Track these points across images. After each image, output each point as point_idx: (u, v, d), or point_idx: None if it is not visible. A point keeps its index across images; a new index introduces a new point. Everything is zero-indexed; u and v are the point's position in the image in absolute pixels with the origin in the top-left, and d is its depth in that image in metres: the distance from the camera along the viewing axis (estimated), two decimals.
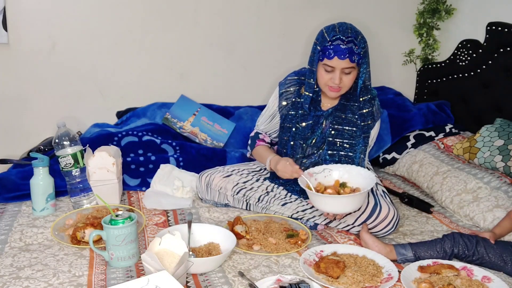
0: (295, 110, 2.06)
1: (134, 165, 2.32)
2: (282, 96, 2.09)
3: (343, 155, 2.01)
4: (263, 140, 2.19)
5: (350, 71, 1.91)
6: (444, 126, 2.63)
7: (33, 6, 2.51)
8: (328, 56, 1.87)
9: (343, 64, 1.88)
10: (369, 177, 1.90)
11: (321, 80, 1.95)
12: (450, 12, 2.88)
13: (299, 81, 2.08)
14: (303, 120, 2.05)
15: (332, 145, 2.02)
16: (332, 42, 1.87)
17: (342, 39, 1.86)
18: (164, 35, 2.72)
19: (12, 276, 1.53)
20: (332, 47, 1.86)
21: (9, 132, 2.61)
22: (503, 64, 2.50)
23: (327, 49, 1.88)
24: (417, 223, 2.07)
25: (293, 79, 2.09)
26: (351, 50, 1.86)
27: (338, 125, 2.02)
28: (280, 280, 1.53)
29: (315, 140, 2.04)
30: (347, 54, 1.86)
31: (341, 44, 1.86)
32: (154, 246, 1.52)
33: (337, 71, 1.89)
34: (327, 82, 1.93)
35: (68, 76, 2.63)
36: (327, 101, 2.05)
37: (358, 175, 1.92)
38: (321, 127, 2.03)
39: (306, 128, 2.04)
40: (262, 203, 2.06)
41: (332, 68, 1.89)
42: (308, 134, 2.04)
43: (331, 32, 1.89)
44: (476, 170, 2.19)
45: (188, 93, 2.78)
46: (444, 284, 1.53)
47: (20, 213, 1.99)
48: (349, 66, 1.89)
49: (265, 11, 2.84)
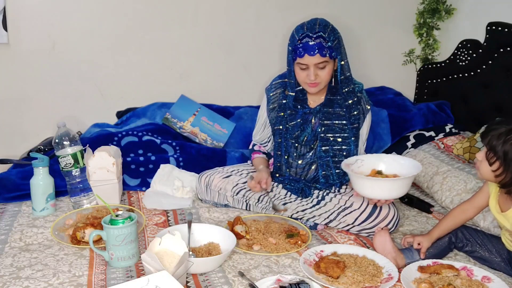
0: (282, 111, 2.08)
1: (134, 165, 2.32)
2: (270, 100, 2.12)
3: (337, 149, 2.02)
4: (258, 152, 2.22)
5: (324, 65, 1.92)
6: (444, 126, 2.63)
7: (33, 6, 2.51)
8: (299, 55, 1.90)
9: (314, 60, 1.90)
10: (408, 163, 1.92)
11: (299, 78, 1.98)
12: (450, 12, 2.88)
13: (283, 84, 2.10)
14: (291, 119, 2.06)
15: (325, 141, 2.03)
16: (301, 40, 1.89)
17: (309, 35, 1.89)
18: (164, 35, 2.72)
19: (12, 276, 1.54)
20: (301, 45, 1.89)
21: (9, 132, 2.61)
22: (503, 64, 2.50)
23: (297, 48, 1.90)
24: (417, 223, 2.07)
25: (277, 82, 2.12)
26: (320, 45, 1.88)
27: (327, 120, 2.03)
28: (280, 280, 1.53)
29: (306, 138, 2.05)
30: (316, 49, 1.88)
31: (310, 41, 1.88)
32: (154, 246, 1.52)
33: (311, 67, 1.91)
34: (304, 79, 1.95)
35: (68, 76, 2.63)
36: (313, 98, 2.06)
37: (393, 162, 1.94)
38: (310, 124, 2.05)
39: (295, 127, 2.06)
40: (262, 203, 2.06)
41: (306, 65, 1.91)
42: (298, 132, 2.05)
43: (300, 30, 1.92)
44: (476, 170, 2.19)
45: (188, 93, 2.77)
46: (444, 284, 1.53)
47: (20, 213, 1.99)
48: (322, 61, 1.90)
49: (265, 11, 2.84)
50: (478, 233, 1.77)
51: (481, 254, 1.73)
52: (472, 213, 1.76)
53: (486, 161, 1.59)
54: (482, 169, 1.62)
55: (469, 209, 1.75)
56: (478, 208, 1.75)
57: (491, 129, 1.58)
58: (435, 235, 1.75)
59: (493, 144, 1.55)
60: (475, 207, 1.75)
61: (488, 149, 1.58)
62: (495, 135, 1.55)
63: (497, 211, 1.66)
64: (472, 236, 1.76)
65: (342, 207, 1.95)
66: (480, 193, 1.74)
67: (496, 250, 1.71)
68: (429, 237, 1.74)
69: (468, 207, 1.75)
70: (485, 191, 1.72)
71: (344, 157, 2.01)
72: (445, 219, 1.78)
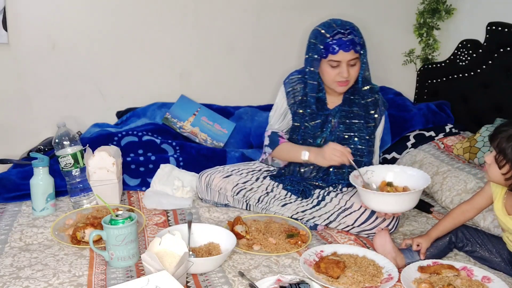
0: (303, 108, 2.06)
1: (134, 165, 2.32)
2: (290, 94, 2.09)
3: (352, 148, 2.01)
4: (282, 137, 2.12)
5: (355, 63, 1.93)
6: (444, 126, 2.63)
7: (33, 6, 2.51)
8: (332, 51, 1.89)
9: (348, 56, 1.90)
10: (417, 174, 1.89)
11: (328, 77, 1.96)
12: (450, 12, 2.88)
13: (304, 80, 2.07)
14: (312, 119, 2.05)
15: (342, 140, 2.03)
16: (333, 37, 1.89)
17: (342, 32, 1.89)
18: (164, 35, 2.72)
19: (12, 276, 1.53)
20: (335, 42, 1.88)
21: (9, 132, 2.61)
22: (503, 64, 2.50)
23: (329, 45, 1.89)
24: (417, 223, 2.07)
25: (297, 77, 2.09)
26: (353, 41, 1.89)
27: (346, 119, 2.03)
28: (280, 280, 1.53)
29: (325, 139, 2.04)
30: (350, 45, 1.88)
31: (343, 37, 1.88)
32: (154, 246, 1.52)
33: (344, 64, 1.91)
34: (335, 77, 1.94)
35: (68, 76, 2.63)
36: (332, 99, 2.06)
37: (403, 173, 1.92)
38: (330, 125, 2.05)
39: (315, 127, 2.05)
40: (262, 204, 2.06)
41: (338, 62, 1.91)
42: (318, 133, 2.05)
43: (329, 28, 1.91)
44: (476, 170, 2.19)
45: (188, 93, 2.78)
46: (444, 284, 1.53)
47: (20, 213, 1.99)
48: (354, 57, 1.91)
49: (265, 11, 2.84)
50: (478, 233, 1.77)
51: (481, 254, 1.73)
52: (471, 214, 1.75)
53: (496, 164, 1.56)
54: (491, 172, 1.60)
55: (469, 210, 1.74)
56: (478, 209, 1.74)
57: (500, 131, 1.56)
58: (434, 235, 1.75)
59: (503, 147, 1.53)
60: (475, 208, 1.74)
61: (497, 152, 1.56)
62: (504, 137, 1.53)
63: (504, 213, 1.64)
64: (472, 236, 1.75)
65: (342, 208, 1.95)
66: (481, 194, 1.73)
67: (496, 250, 1.71)
68: (427, 237, 1.74)
69: (468, 207, 1.75)
70: (486, 192, 1.71)
71: (358, 156, 2.01)
72: (444, 219, 1.77)
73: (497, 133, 1.57)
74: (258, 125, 2.70)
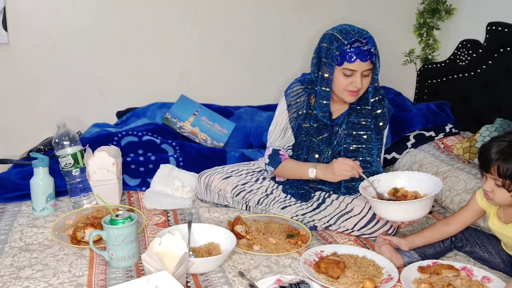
0: (309, 122, 1.98)
1: (134, 165, 2.32)
2: (291, 107, 1.98)
3: (360, 160, 1.94)
4: (284, 155, 2.03)
5: (368, 73, 1.86)
6: (444, 126, 2.63)
7: (33, 6, 2.51)
8: (349, 60, 1.81)
9: (364, 67, 1.82)
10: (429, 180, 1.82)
11: (340, 85, 1.87)
12: (450, 12, 2.88)
13: (307, 91, 1.97)
14: (318, 133, 1.97)
15: (349, 152, 1.97)
16: (351, 45, 1.80)
17: (360, 40, 1.80)
18: (164, 35, 2.72)
19: (12, 276, 1.53)
20: (353, 50, 1.80)
21: (9, 132, 2.61)
22: (503, 64, 2.50)
23: (347, 53, 1.81)
24: (417, 223, 2.06)
25: (300, 89, 1.98)
26: (370, 51, 1.82)
27: (353, 131, 1.96)
28: (280, 280, 1.53)
29: (332, 152, 1.99)
30: (368, 55, 1.81)
31: (361, 46, 1.80)
32: (154, 246, 1.52)
33: (358, 74, 1.83)
34: (347, 87, 1.86)
35: (68, 76, 2.63)
36: (336, 106, 1.99)
37: (410, 179, 1.86)
38: (337, 137, 1.98)
39: (322, 142, 1.98)
40: (261, 206, 2.05)
41: (352, 71, 1.83)
42: (325, 148, 1.98)
43: (347, 34, 1.82)
44: (476, 170, 2.19)
45: (188, 93, 2.78)
46: (444, 284, 1.53)
47: (20, 213, 1.99)
48: (369, 68, 1.84)
49: (265, 11, 2.84)
50: (478, 233, 1.76)
51: (481, 254, 1.73)
52: (454, 228, 1.71)
53: (503, 188, 1.49)
54: (498, 197, 1.53)
55: (452, 222, 1.71)
56: (464, 224, 1.71)
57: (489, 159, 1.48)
58: (416, 242, 1.71)
59: (505, 170, 1.46)
60: (460, 222, 1.70)
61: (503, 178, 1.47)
62: (500, 159, 1.46)
63: (501, 225, 1.60)
64: (472, 236, 1.75)
65: (342, 211, 1.93)
66: (467, 209, 1.70)
67: (496, 251, 1.71)
68: (409, 242, 1.71)
69: (452, 220, 1.71)
70: (473, 208, 1.68)
71: (366, 167, 1.95)
72: (427, 228, 1.74)
73: (487, 161, 1.49)
74: (258, 125, 2.70)
